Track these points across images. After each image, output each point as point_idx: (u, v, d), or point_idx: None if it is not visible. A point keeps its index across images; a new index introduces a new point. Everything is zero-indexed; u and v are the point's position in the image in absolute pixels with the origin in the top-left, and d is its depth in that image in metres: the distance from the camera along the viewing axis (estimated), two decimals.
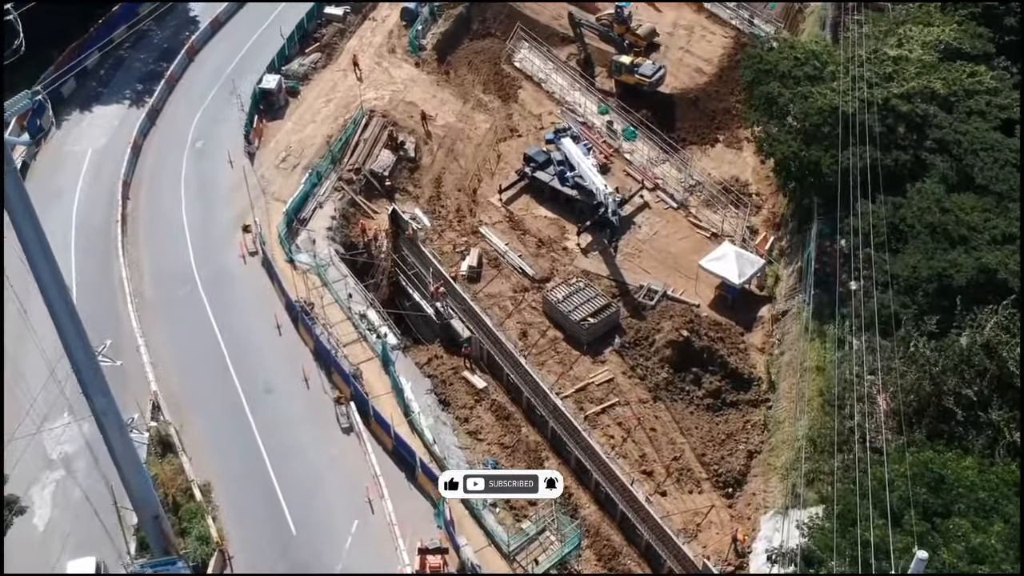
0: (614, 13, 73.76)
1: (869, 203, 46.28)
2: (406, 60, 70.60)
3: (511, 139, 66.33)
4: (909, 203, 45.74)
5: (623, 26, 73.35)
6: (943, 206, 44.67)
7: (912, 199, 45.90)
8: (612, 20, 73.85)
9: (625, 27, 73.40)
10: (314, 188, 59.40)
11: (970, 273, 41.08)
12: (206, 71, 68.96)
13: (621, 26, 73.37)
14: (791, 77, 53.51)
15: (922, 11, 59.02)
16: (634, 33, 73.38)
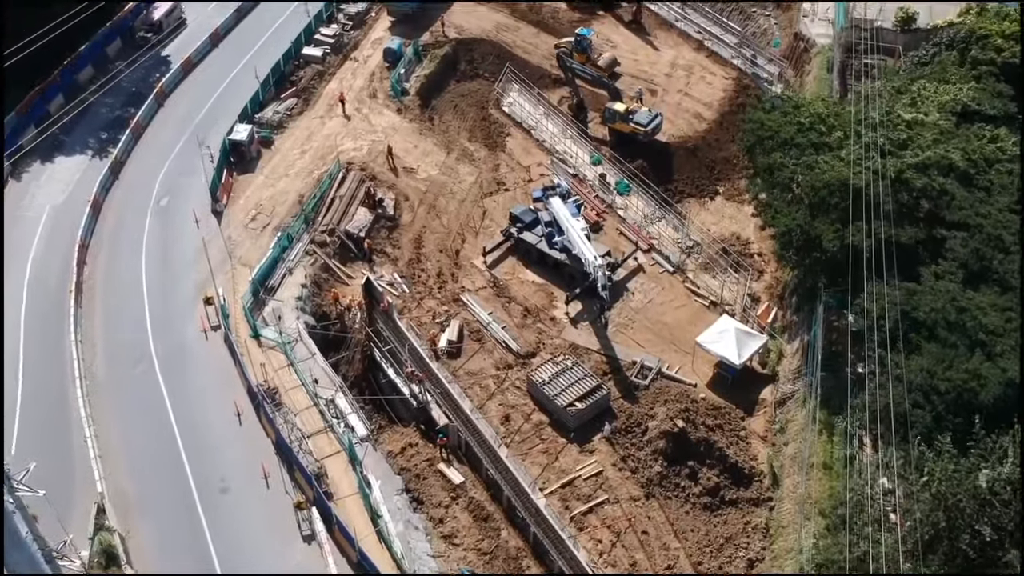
0: (574, 41, 69.99)
1: (884, 286, 42.22)
2: (388, 105, 66.60)
3: (497, 193, 62.32)
4: (923, 295, 41.61)
5: (583, 55, 69.62)
6: (959, 305, 40.59)
7: (927, 291, 41.74)
8: (571, 48, 70.08)
9: (585, 56, 69.66)
10: (284, 252, 55.54)
11: (994, 390, 37.05)
12: (175, 118, 65.06)
13: (581, 55, 69.65)
14: (795, 144, 49.33)
15: (938, 65, 54.87)
16: (595, 63, 69.62)
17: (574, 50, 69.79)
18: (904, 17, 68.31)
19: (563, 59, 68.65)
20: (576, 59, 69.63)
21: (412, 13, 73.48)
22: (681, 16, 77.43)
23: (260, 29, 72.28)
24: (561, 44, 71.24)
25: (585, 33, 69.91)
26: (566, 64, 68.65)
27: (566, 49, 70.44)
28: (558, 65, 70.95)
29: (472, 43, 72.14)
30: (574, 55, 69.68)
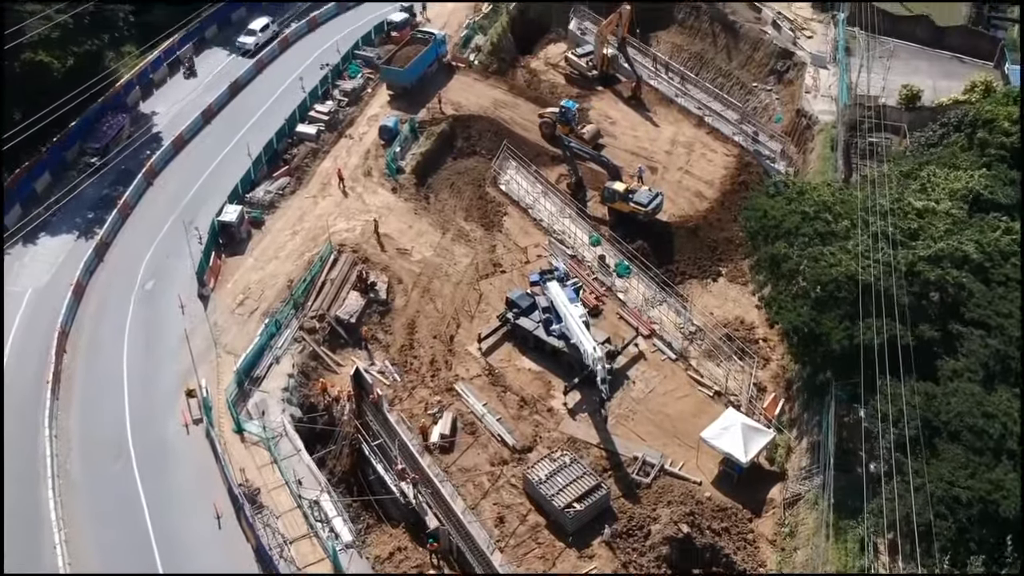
0: (558, 112, 68.97)
1: (901, 386, 40.08)
2: (383, 184, 65.12)
3: (494, 276, 60.50)
4: (944, 398, 39.43)
5: (567, 126, 68.79)
6: (985, 410, 38.35)
7: (947, 394, 39.58)
8: (555, 118, 68.99)
9: (569, 128, 68.92)
10: (272, 339, 53.42)
11: (1015, 503, 34.69)
12: (164, 197, 63.51)
13: (565, 126, 68.86)
14: (800, 234, 47.56)
15: (946, 148, 53.43)
16: (579, 135, 68.84)
17: (558, 121, 69.00)
18: (908, 95, 67.39)
19: (562, 139, 67.39)
20: (560, 130, 68.99)
21: (410, 88, 72.50)
22: (681, 92, 76.63)
23: (254, 105, 71.25)
24: (545, 114, 70.51)
25: (569, 105, 69.56)
26: (564, 142, 67.39)
27: (549, 119, 69.61)
28: (542, 134, 70.10)
29: (469, 120, 71.01)
30: (557, 126, 68.90)
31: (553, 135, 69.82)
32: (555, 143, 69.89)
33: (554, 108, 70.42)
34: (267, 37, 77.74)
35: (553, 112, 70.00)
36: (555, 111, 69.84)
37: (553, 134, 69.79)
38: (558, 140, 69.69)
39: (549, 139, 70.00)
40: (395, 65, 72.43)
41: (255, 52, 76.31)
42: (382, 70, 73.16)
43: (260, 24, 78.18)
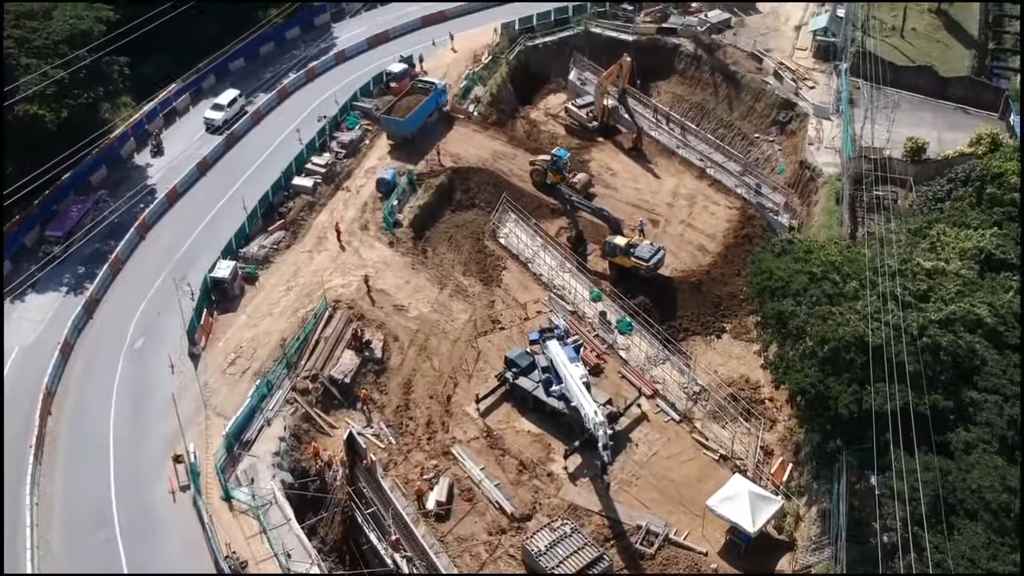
0: (549, 159, 68.43)
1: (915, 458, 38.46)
2: (380, 238, 63.94)
3: (492, 333, 59.09)
4: (960, 473, 37.76)
5: (558, 175, 68.11)
6: (1008, 484, 36.68)
7: (963, 468, 37.91)
8: (547, 166, 68.37)
9: (560, 176, 68.23)
10: (263, 400, 51.88)
11: None
12: (156, 252, 62.33)
13: (556, 174, 68.19)
14: (807, 295, 46.19)
15: (955, 205, 52.27)
16: (570, 183, 68.11)
17: (548, 169, 68.42)
18: (914, 148, 66.46)
19: (562, 192, 66.36)
20: (551, 178, 68.48)
21: (412, 137, 71.71)
22: (682, 143, 75.81)
23: (250, 158, 70.39)
24: (536, 161, 69.83)
25: (561, 154, 69.00)
26: (564, 195, 66.32)
27: (540, 167, 68.99)
28: (532, 182, 69.42)
29: (468, 172, 70.08)
30: (548, 174, 68.37)
31: (544, 183, 69.26)
32: (546, 191, 69.26)
33: (545, 156, 69.83)
34: (235, 111, 73.31)
35: (544, 160, 69.32)
36: (546, 159, 69.24)
37: (544, 182, 69.22)
38: (550, 188, 69.05)
39: (540, 187, 69.41)
40: (396, 115, 71.70)
41: (222, 128, 71.88)
42: (383, 120, 72.42)
43: (228, 98, 73.72)
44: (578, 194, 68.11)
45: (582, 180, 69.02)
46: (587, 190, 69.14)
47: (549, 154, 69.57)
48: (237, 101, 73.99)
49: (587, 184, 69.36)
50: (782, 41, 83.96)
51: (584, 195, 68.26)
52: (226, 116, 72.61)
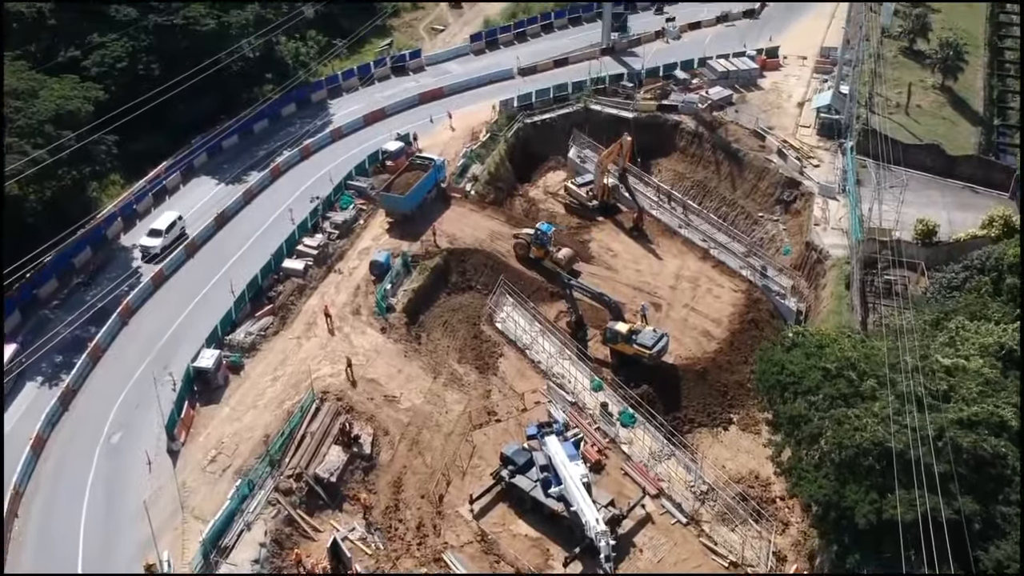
0: (533, 234, 66.58)
1: None
2: (372, 324, 61.52)
3: (488, 425, 56.33)
4: None
5: (542, 249, 66.56)
6: None
7: None
8: (530, 240, 66.62)
9: (544, 250, 66.63)
10: (244, 501, 48.84)
11: None
12: (139, 339, 59.74)
13: (540, 249, 66.56)
14: (821, 394, 43.55)
15: (973, 295, 49.91)
16: (552, 258, 66.49)
17: (532, 243, 66.82)
18: (924, 230, 64.48)
19: (562, 275, 64.09)
20: (534, 252, 66.89)
21: (411, 214, 69.92)
22: (684, 223, 73.97)
23: (240, 238, 68.31)
24: (519, 235, 68.10)
25: (544, 228, 67.57)
26: (563, 279, 64.02)
27: (523, 240, 67.27)
28: (515, 256, 67.72)
29: (464, 253, 68.05)
30: (532, 248, 66.82)
31: (527, 257, 67.41)
32: (529, 265, 67.44)
33: (529, 229, 68.01)
34: (175, 236, 66.40)
35: (528, 233, 67.59)
36: (530, 232, 67.54)
37: (527, 256, 67.36)
38: (534, 263, 67.37)
39: (523, 261, 67.62)
40: (395, 192, 70.04)
41: (160, 257, 64.46)
42: (382, 197, 70.70)
43: (166, 221, 66.40)
44: (562, 269, 66.26)
45: (566, 255, 67.13)
46: (571, 265, 67.30)
47: (532, 228, 67.77)
48: (176, 225, 66.90)
49: (571, 259, 67.44)
50: (785, 118, 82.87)
51: (568, 271, 66.39)
52: (164, 243, 65.27)
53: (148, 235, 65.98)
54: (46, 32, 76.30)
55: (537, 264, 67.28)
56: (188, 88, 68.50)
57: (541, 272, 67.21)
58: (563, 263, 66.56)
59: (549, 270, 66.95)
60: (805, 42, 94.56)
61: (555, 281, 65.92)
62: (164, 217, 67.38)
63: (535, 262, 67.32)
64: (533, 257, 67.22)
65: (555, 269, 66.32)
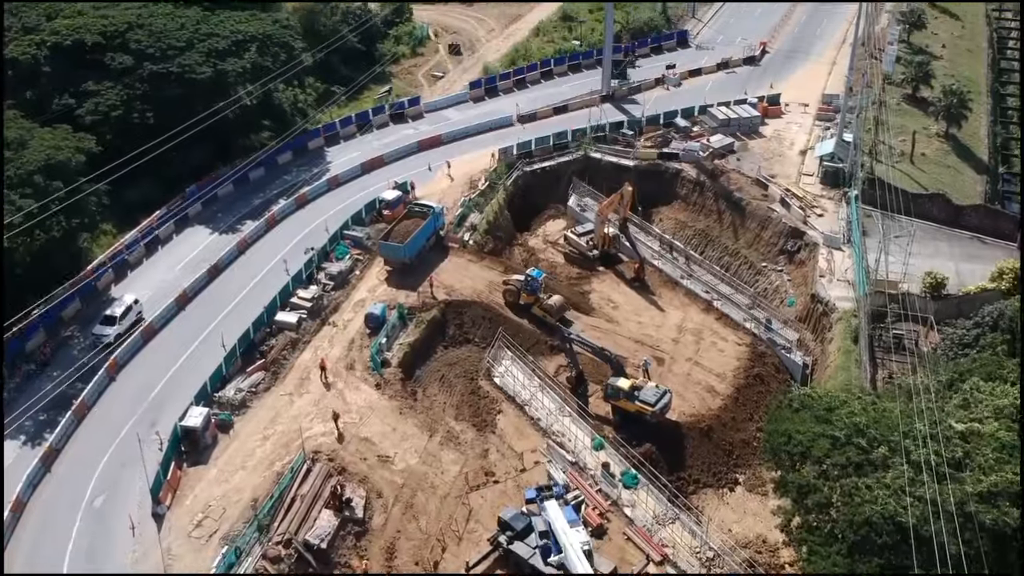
0: (523, 280, 65.34)
1: None
2: (366, 379, 59.84)
3: (486, 487, 54.37)
4: None
5: (532, 296, 65.30)
6: None
7: None
8: (520, 287, 65.39)
9: (535, 298, 65.35)
10: (230, 569, 46.83)
11: None
12: (126, 395, 58.03)
13: (530, 295, 65.32)
14: (831, 463, 41.74)
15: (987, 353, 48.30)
16: (543, 305, 65.23)
17: (522, 289, 65.56)
18: (933, 283, 62.99)
19: (561, 328, 62.47)
20: (524, 299, 65.54)
21: (410, 262, 68.65)
22: (687, 273, 72.54)
23: (233, 290, 66.88)
24: (509, 281, 66.82)
25: (535, 274, 66.28)
26: (563, 332, 62.40)
27: (513, 287, 66.01)
28: (505, 302, 66.31)
29: (462, 305, 66.51)
30: (522, 295, 65.54)
31: (517, 303, 66.02)
32: (518, 312, 65.93)
33: (519, 276, 66.71)
34: (131, 322, 62.15)
35: (518, 280, 66.26)
36: (520, 279, 66.22)
37: (517, 302, 66.00)
38: (523, 310, 65.88)
39: (512, 308, 66.16)
40: (394, 240, 68.81)
41: (115, 345, 60.04)
42: (380, 246, 69.41)
43: (121, 307, 62.08)
44: (551, 316, 64.94)
45: (557, 302, 65.68)
46: (561, 313, 65.86)
47: (523, 274, 66.56)
48: (132, 310, 62.55)
49: (562, 306, 65.99)
50: (787, 166, 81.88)
51: (559, 319, 65.08)
52: (119, 330, 60.86)
53: (102, 322, 61.20)
54: (42, 80, 75.57)
55: (527, 311, 65.86)
56: (183, 136, 67.55)
57: (533, 321, 65.65)
58: (553, 310, 65.20)
59: (546, 322, 65.34)
60: (806, 89, 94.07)
61: (554, 334, 64.30)
62: (120, 302, 62.74)
63: (525, 309, 65.89)
64: (523, 304, 65.84)
65: (544, 317, 65.09)
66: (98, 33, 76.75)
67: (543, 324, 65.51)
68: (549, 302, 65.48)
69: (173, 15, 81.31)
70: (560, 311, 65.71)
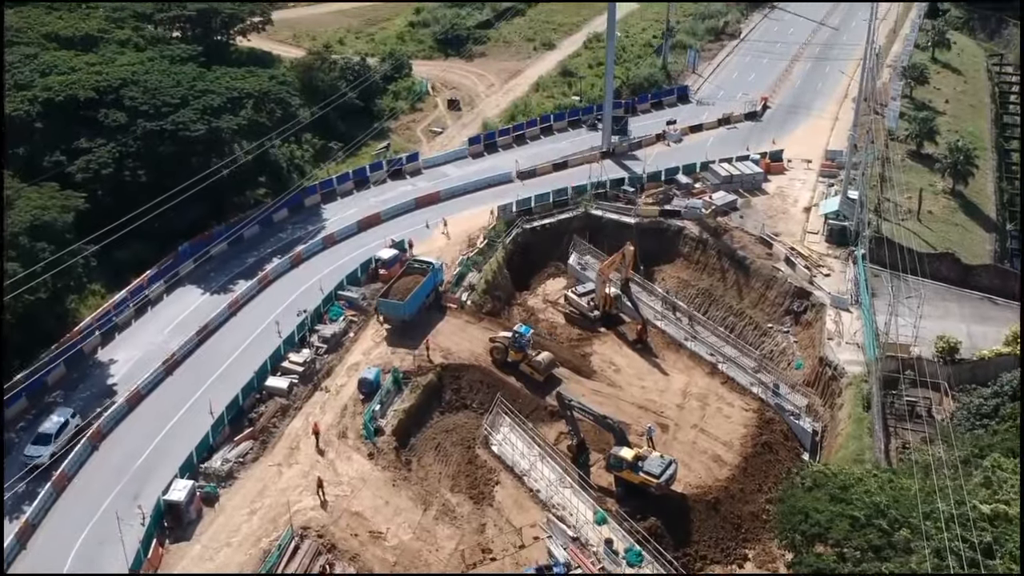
0: (511, 337, 63.77)
1: None
2: (358, 449, 57.55)
3: (483, 564, 51.76)
4: None
5: (520, 352, 63.66)
6: None
7: None
8: (508, 344, 63.68)
9: (523, 355, 63.72)
10: None
11: None
12: (109, 465, 55.68)
13: (518, 352, 63.67)
14: (849, 544, 39.38)
15: (1008, 429, 46.14)
16: (530, 363, 63.47)
17: (510, 347, 63.89)
18: (945, 347, 60.98)
19: (562, 395, 60.24)
20: (512, 356, 63.86)
21: (409, 320, 66.87)
22: (690, 335, 70.55)
23: (223, 353, 64.87)
24: (496, 338, 65.08)
25: (523, 331, 64.64)
26: (564, 399, 60.15)
27: (501, 344, 64.31)
28: (492, 360, 64.52)
29: (459, 370, 64.43)
30: (509, 352, 63.86)
31: (505, 361, 64.18)
32: (506, 369, 64.10)
33: (506, 332, 65.04)
34: (67, 439, 55.78)
35: (505, 337, 64.54)
36: (507, 335, 64.57)
37: (505, 360, 64.16)
38: (511, 368, 64.07)
39: (500, 365, 64.35)
40: (393, 297, 67.08)
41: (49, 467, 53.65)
42: (380, 303, 67.61)
43: (54, 425, 55.87)
44: (540, 374, 63.31)
45: (545, 360, 63.90)
46: (550, 370, 64.16)
47: (511, 331, 64.89)
48: (68, 426, 56.41)
49: (550, 364, 64.23)
50: (792, 224, 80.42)
51: (546, 378, 63.46)
52: (54, 449, 54.63)
53: (34, 443, 55.07)
54: (35, 136, 74.47)
55: (515, 369, 64.06)
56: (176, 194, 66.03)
57: (522, 379, 63.74)
58: (541, 367, 63.45)
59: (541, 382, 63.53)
60: (809, 145, 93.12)
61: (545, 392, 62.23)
62: (52, 420, 56.39)
63: (513, 366, 64.04)
64: (510, 361, 64.07)
65: (533, 374, 63.49)
66: (92, 89, 75.92)
67: (534, 382, 63.55)
68: (537, 359, 63.68)
69: (169, 72, 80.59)
70: (548, 368, 63.98)
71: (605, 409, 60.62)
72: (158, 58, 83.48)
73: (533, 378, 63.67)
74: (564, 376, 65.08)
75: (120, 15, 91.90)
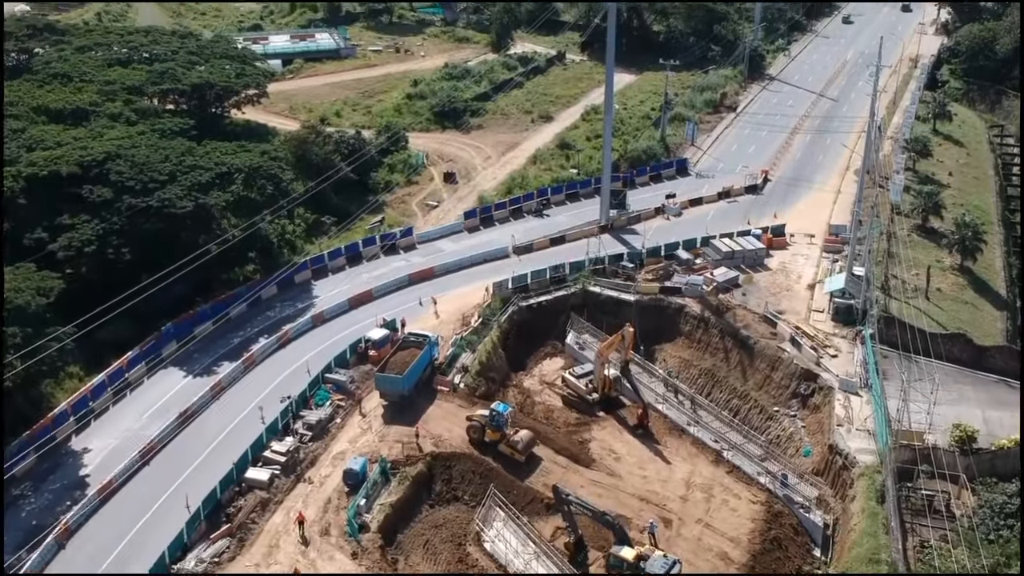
0: (488, 415, 61.24)
1: None
2: (341, 547, 54.13)
3: None
4: None
5: (498, 432, 60.91)
6: None
7: None
8: (485, 422, 61.12)
9: (500, 434, 60.95)
10: None
11: None
12: (75, 566, 52.18)
13: (495, 431, 60.92)
14: None
15: None
16: (509, 443, 60.67)
17: (487, 425, 61.18)
18: (962, 436, 57.93)
19: (560, 490, 56.90)
20: (489, 435, 61.09)
21: (407, 394, 64.57)
22: (693, 420, 67.49)
23: (204, 440, 61.84)
24: (473, 417, 62.33)
25: (501, 409, 61.94)
26: (562, 494, 56.81)
27: (478, 423, 61.51)
28: (469, 440, 61.75)
29: (450, 459, 61.29)
30: (487, 431, 61.13)
31: (483, 440, 61.39)
32: (484, 450, 61.32)
33: (484, 411, 62.37)
34: None
35: (482, 415, 61.81)
36: (484, 414, 61.88)
37: (483, 439, 61.36)
38: (489, 448, 61.25)
39: (477, 445, 61.48)
40: (391, 371, 64.66)
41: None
42: (377, 378, 65.30)
43: None
44: (519, 455, 60.56)
45: (524, 438, 61.16)
46: (529, 450, 61.43)
47: (488, 409, 62.22)
48: None
49: (530, 443, 61.51)
50: (796, 302, 77.87)
51: (526, 457, 60.85)
52: None
53: None
54: (18, 212, 72.47)
55: (492, 449, 61.23)
56: (161, 273, 63.74)
57: (500, 460, 60.87)
58: (520, 447, 60.65)
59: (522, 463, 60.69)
60: (811, 219, 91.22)
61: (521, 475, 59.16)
62: None
63: (491, 447, 61.27)
64: (488, 441, 61.30)
65: (512, 454, 60.68)
66: (75, 164, 74.02)
67: (514, 463, 60.55)
68: (515, 438, 60.87)
69: (157, 146, 79.07)
70: (528, 447, 61.35)
71: (605, 502, 57.50)
72: (148, 132, 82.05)
73: (513, 459, 60.71)
74: (561, 465, 62.04)
75: (112, 88, 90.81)
